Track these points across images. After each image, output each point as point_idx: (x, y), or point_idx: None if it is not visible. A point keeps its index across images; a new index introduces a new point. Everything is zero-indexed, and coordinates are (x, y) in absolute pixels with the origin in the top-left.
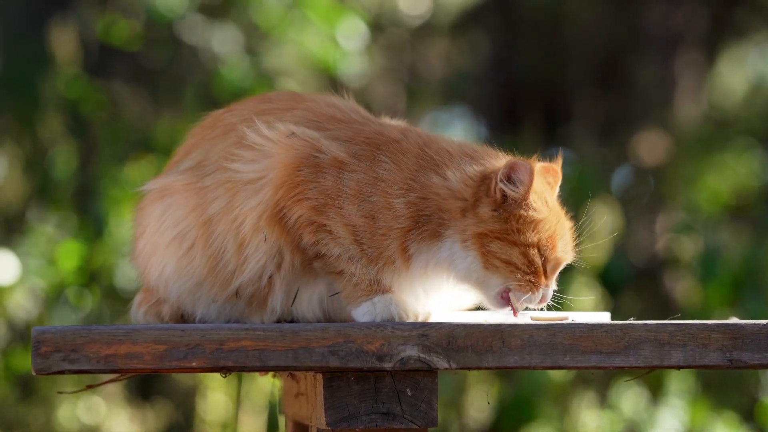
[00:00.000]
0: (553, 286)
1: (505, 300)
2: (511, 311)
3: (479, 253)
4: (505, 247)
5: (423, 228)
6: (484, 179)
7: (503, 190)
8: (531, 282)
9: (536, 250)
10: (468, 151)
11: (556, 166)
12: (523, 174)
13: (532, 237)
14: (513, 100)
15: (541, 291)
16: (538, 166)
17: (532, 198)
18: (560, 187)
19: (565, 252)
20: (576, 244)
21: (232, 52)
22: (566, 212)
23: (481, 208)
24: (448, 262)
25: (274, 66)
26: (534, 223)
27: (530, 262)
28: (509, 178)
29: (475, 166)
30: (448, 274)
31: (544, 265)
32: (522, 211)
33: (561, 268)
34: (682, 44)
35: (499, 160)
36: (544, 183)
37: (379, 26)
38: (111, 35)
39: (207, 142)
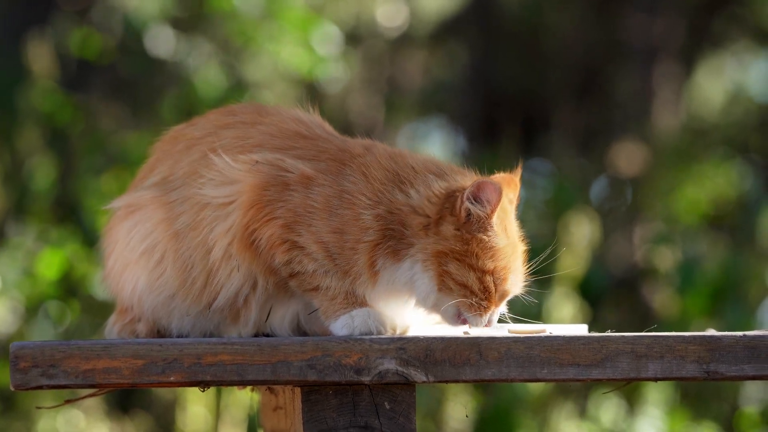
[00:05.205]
0: (499, 311)
1: (461, 319)
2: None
3: (436, 273)
4: (462, 269)
5: (389, 243)
6: (449, 197)
7: (468, 210)
8: (482, 306)
9: (491, 277)
10: (433, 168)
11: (515, 177)
12: (491, 194)
13: (489, 264)
14: (491, 110)
15: (488, 315)
16: (503, 181)
17: (495, 222)
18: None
19: (514, 285)
20: (526, 279)
21: (206, 64)
22: (521, 240)
23: (444, 226)
24: (409, 282)
25: (252, 78)
26: (492, 251)
27: (485, 288)
28: (476, 198)
29: (440, 183)
30: (409, 295)
31: (494, 292)
32: (483, 235)
33: (508, 299)
34: (660, 55)
35: (465, 177)
36: (506, 204)
37: (356, 38)
38: (84, 49)
39: (170, 157)
